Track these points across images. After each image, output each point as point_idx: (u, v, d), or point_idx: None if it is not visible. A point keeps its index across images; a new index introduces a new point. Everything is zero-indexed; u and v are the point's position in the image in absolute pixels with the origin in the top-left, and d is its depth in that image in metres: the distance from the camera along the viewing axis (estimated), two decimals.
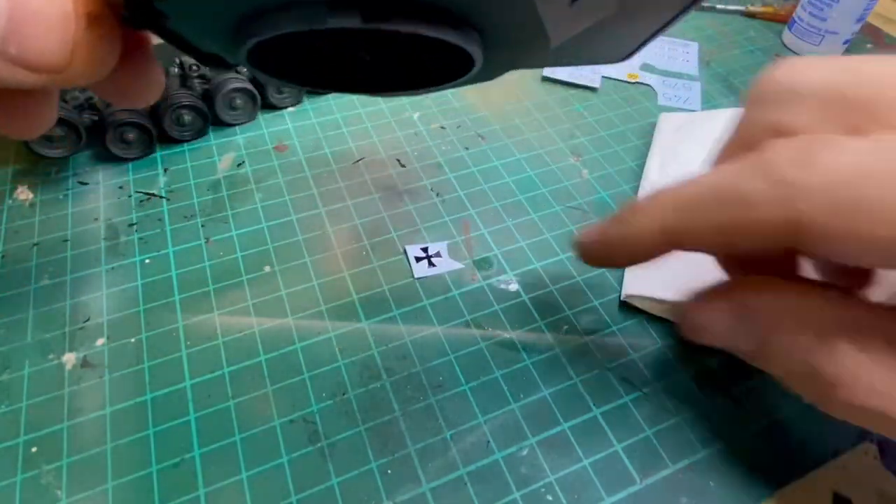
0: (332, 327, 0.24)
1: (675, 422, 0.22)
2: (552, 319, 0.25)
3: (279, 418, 0.22)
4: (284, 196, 0.30)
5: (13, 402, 0.22)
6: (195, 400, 0.22)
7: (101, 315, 0.24)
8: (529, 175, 0.31)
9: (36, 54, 0.11)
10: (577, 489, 0.20)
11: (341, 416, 0.22)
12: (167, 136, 0.31)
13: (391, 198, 0.30)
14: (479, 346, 0.24)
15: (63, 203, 0.29)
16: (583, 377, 0.23)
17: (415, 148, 0.33)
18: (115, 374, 0.23)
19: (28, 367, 0.23)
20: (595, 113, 0.36)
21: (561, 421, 0.22)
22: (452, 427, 0.22)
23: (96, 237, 0.27)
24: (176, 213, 0.28)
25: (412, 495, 0.20)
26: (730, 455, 0.22)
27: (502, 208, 0.30)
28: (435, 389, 0.23)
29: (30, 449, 0.21)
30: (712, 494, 0.21)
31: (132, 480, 0.20)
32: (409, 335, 0.24)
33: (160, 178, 0.30)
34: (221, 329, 0.24)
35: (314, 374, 0.23)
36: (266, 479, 0.20)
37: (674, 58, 0.41)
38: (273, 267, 0.26)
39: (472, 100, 0.36)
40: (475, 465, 0.21)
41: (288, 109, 0.34)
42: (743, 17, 0.46)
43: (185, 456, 0.21)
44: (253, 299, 0.25)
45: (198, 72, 0.31)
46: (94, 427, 0.21)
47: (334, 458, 0.21)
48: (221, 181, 0.30)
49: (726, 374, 0.24)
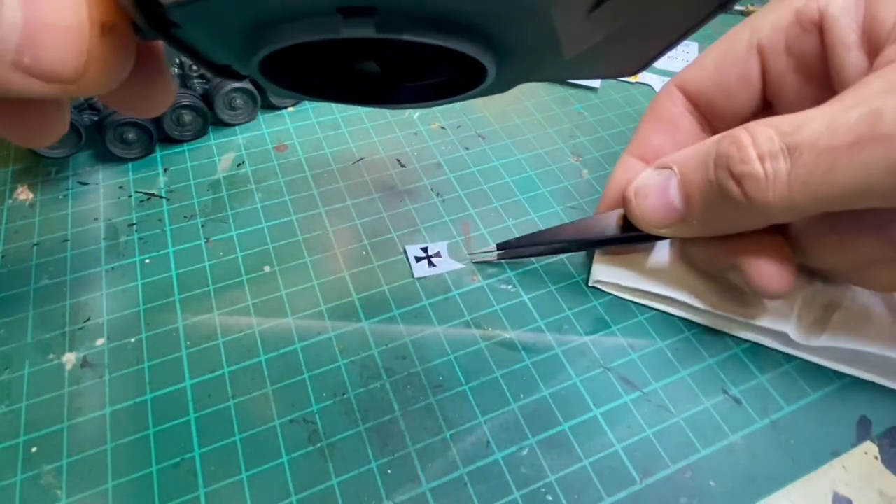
0: (332, 327, 0.24)
1: (675, 422, 0.22)
2: (552, 319, 0.25)
3: (279, 418, 0.22)
4: (284, 196, 0.30)
5: (13, 402, 0.22)
6: (195, 400, 0.22)
7: (101, 315, 0.24)
8: (529, 175, 0.31)
9: (50, 65, 0.11)
10: (577, 489, 0.20)
11: (341, 416, 0.22)
12: (167, 136, 0.31)
13: (391, 198, 0.30)
14: (479, 346, 0.24)
15: (63, 203, 0.29)
16: (583, 377, 0.23)
17: (415, 148, 0.33)
18: (115, 374, 0.23)
19: (28, 367, 0.23)
20: (595, 113, 0.36)
21: (561, 421, 0.22)
22: (452, 427, 0.22)
23: (96, 237, 0.27)
24: (176, 213, 0.28)
25: (412, 495, 0.20)
26: (730, 455, 0.22)
27: (502, 208, 0.30)
28: (435, 389, 0.23)
29: (30, 449, 0.21)
30: (712, 494, 0.21)
31: (132, 480, 0.20)
32: (409, 335, 0.24)
33: (160, 178, 0.30)
34: (221, 329, 0.24)
35: (314, 374, 0.23)
36: (266, 479, 0.20)
37: (674, 58, 0.41)
38: (273, 267, 0.26)
39: (472, 100, 0.36)
40: (475, 465, 0.21)
41: (288, 109, 0.34)
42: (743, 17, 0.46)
43: (185, 456, 0.21)
44: (253, 299, 0.25)
45: (198, 72, 0.31)
46: (94, 427, 0.21)
47: (334, 458, 0.21)
48: (221, 181, 0.30)
49: (726, 374, 0.24)
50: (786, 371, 0.24)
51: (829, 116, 0.16)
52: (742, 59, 0.23)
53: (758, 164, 0.17)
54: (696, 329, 0.25)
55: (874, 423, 0.23)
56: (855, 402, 0.23)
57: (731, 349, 0.24)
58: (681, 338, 0.25)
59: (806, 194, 0.17)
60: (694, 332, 0.25)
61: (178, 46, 0.13)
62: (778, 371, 0.24)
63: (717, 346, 0.25)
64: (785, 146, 0.17)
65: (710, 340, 0.25)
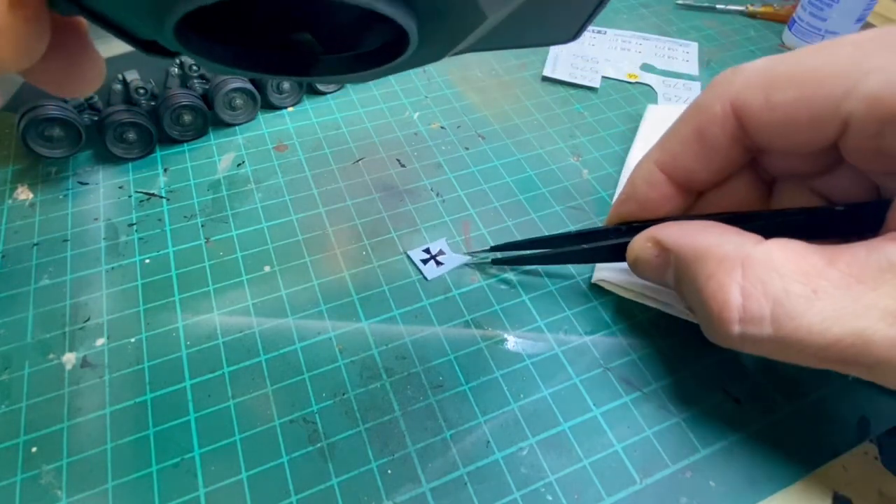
0: (332, 327, 0.24)
1: (675, 422, 0.22)
2: (552, 319, 0.25)
3: (279, 418, 0.22)
4: (284, 196, 0.30)
5: (13, 402, 0.22)
6: (195, 400, 0.22)
7: (101, 315, 0.24)
8: (529, 175, 0.31)
9: None
10: (577, 489, 0.20)
11: (341, 416, 0.22)
12: (167, 136, 0.31)
13: (391, 198, 0.30)
14: (479, 346, 0.24)
15: (63, 203, 0.29)
16: (583, 377, 0.23)
17: (415, 148, 0.33)
18: (115, 374, 0.23)
19: (28, 367, 0.23)
20: (595, 113, 0.36)
21: (561, 421, 0.22)
22: (452, 427, 0.22)
23: (96, 237, 0.27)
24: (176, 213, 0.28)
25: (412, 495, 0.20)
26: (730, 455, 0.22)
27: (502, 208, 0.30)
28: (435, 389, 0.23)
29: (30, 449, 0.21)
30: (712, 494, 0.21)
31: (132, 480, 0.20)
32: (409, 335, 0.24)
33: (160, 178, 0.30)
34: (221, 329, 0.24)
35: (314, 374, 0.23)
36: (266, 479, 0.20)
37: (674, 58, 0.41)
38: (273, 267, 0.26)
39: (472, 100, 0.36)
40: (475, 465, 0.21)
41: (288, 109, 0.34)
42: (743, 17, 0.46)
43: (185, 456, 0.21)
44: (253, 299, 0.25)
45: (198, 72, 0.31)
46: (94, 427, 0.21)
47: (334, 458, 0.21)
48: (221, 181, 0.30)
49: (726, 374, 0.24)
50: (785, 371, 0.24)
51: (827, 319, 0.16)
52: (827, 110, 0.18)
53: (737, 328, 0.18)
54: (696, 329, 0.25)
55: (874, 423, 0.23)
56: (855, 402, 0.23)
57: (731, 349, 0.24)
58: (681, 338, 0.25)
59: (780, 358, 0.18)
60: (694, 332, 0.25)
61: (96, 20, 0.13)
62: (777, 371, 0.24)
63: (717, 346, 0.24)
64: (773, 334, 0.17)
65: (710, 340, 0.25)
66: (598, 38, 0.42)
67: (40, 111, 0.27)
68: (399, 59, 0.14)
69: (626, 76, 0.39)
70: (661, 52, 0.41)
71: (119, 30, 0.13)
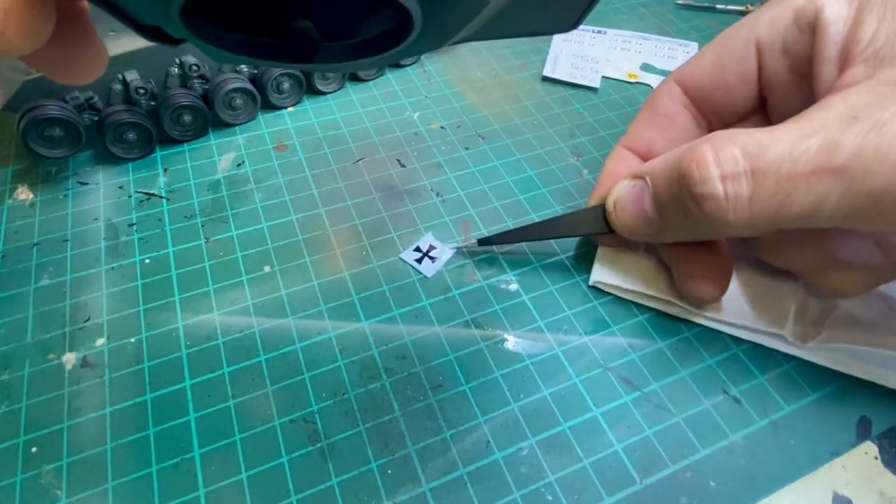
0: (332, 327, 0.24)
1: (675, 422, 0.22)
2: (552, 319, 0.25)
3: (279, 418, 0.22)
4: (284, 196, 0.30)
5: (13, 402, 0.22)
6: (195, 400, 0.22)
7: (101, 315, 0.24)
8: (529, 175, 0.32)
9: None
10: (577, 489, 0.20)
11: (341, 416, 0.22)
12: (167, 136, 0.31)
13: (391, 198, 0.30)
14: (479, 346, 0.24)
15: (63, 203, 0.29)
16: (583, 377, 0.23)
17: (415, 148, 0.33)
18: (115, 374, 0.23)
19: (28, 367, 0.23)
20: (595, 113, 0.36)
21: (561, 421, 0.22)
22: (452, 427, 0.22)
23: (96, 237, 0.27)
24: (176, 213, 0.28)
25: (412, 495, 0.20)
26: (730, 455, 0.22)
27: (502, 208, 0.30)
28: (435, 389, 0.23)
29: (30, 449, 0.21)
30: (712, 494, 0.21)
31: (132, 480, 0.20)
32: (409, 335, 0.24)
33: (160, 178, 0.30)
34: (221, 329, 0.24)
35: (314, 374, 0.23)
36: (266, 479, 0.20)
37: (674, 58, 0.41)
38: (273, 267, 0.26)
39: (472, 100, 0.36)
40: (475, 465, 0.21)
41: (288, 109, 0.34)
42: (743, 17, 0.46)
43: (185, 456, 0.21)
44: (253, 299, 0.25)
45: (198, 72, 0.31)
46: (94, 427, 0.21)
47: (334, 458, 0.21)
48: (221, 181, 0.30)
49: (726, 374, 0.24)
50: (786, 371, 0.24)
51: (792, 143, 0.17)
52: (740, 57, 0.23)
53: (719, 186, 0.18)
54: (696, 329, 0.25)
55: (874, 423, 0.23)
56: (855, 402, 0.23)
57: (731, 349, 0.24)
58: (681, 338, 0.25)
59: (765, 217, 0.18)
60: (694, 332, 0.25)
61: (100, 3, 0.13)
62: (778, 371, 0.24)
63: (717, 346, 0.25)
64: (749, 168, 0.18)
65: (710, 340, 0.25)
66: (598, 38, 0.42)
67: (40, 111, 0.27)
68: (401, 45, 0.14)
69: (627, 76, 0.39)
70: (661, 52, 0.41)
71: (123, 14, 0.13)
